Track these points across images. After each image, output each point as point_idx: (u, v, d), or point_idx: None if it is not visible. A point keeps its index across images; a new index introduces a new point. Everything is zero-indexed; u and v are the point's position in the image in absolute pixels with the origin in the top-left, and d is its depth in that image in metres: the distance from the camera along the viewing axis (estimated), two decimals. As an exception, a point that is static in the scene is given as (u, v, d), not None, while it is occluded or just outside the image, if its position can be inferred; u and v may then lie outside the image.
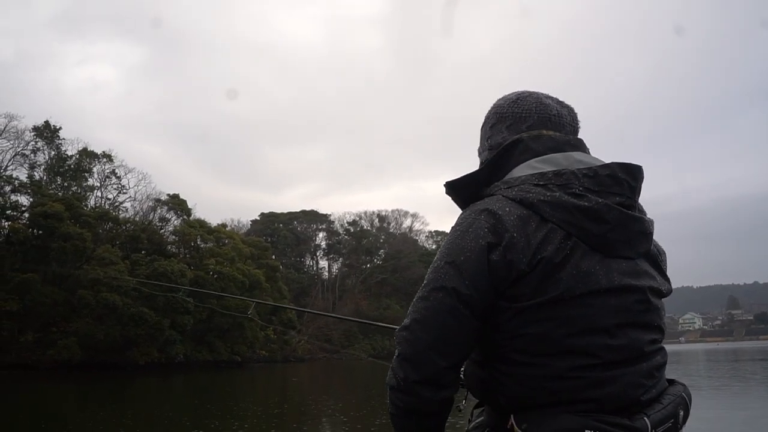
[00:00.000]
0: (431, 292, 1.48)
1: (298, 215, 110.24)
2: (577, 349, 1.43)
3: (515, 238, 1.44)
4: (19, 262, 49.02)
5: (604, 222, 1.47)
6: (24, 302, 45.58)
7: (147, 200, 65.97)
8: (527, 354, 1.46)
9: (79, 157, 62.07)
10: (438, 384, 1.48)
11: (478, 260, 1.44)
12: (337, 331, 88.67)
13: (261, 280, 64.40)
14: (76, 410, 22.39)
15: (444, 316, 1.45)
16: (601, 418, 1.39)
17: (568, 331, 1.43)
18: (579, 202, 1.46)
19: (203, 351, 56.67)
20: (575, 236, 1.45)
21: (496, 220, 1.46)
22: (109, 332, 47.42)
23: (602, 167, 1.54)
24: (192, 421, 17.36)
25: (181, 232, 63.89)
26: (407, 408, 1.51)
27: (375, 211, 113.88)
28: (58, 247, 48.35)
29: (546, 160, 1.58)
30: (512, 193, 1.52)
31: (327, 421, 16.90)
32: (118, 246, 56.51)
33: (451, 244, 1.50)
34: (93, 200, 63.61)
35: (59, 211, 48.95)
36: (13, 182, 54.78)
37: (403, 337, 1.50)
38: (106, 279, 47.29)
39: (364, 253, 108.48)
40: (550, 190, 1.49)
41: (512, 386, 1.47)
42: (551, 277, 1.43)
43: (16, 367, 44.46)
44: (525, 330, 1.45)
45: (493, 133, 1.75)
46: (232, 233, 73.72)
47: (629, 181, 1.54)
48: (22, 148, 56.26)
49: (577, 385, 1.42)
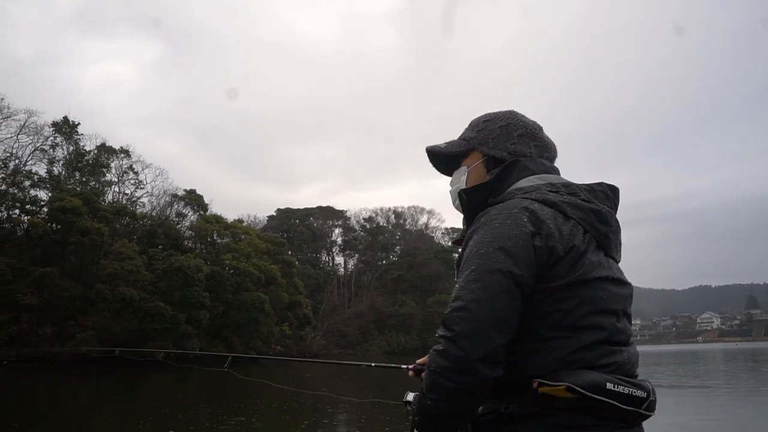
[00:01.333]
0: (484, 275, 1.59)
1: (314, 211, 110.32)
2: (597, 325, 1.64)
3: (551, 228, 1.65)
4: (38, 256, 49.62)
5: (608, 224, 1.77)
6: (43, 296, 46.11)
7: (164, 195, 66.53)
8: (556, 329, 1.63)
9: (97, 153, 62.67)
10: (495, 361, 1.56)
11: (525, 246, 1.61)
12: (352, 327, 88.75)
13: (277, 276, 64.59)
14: (94, 402, 22.62)
15: (501, 295, 1.57)
16: (617, 376, 1.61)
17: (590, 309, 1.64)
18: (591, 205, 1.75)
19: (219, 346, 56.88)
20: (589, 233, 1.71)
21: (530, 213, 1.66)
22: (126, 326, 47.80)
23: (597, 185, 1.85)
24: (208, 414, 17.47)
25: (197, 228, 64.26)
26: (460, 389, 1.56)
27: (391, 208, 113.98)
28: (76, 241, 48.87)
29: (542, 177, 1.83)
30: (532, 195, 1.74)
31: (343, 419, 16.90)
32: (135, 241, 56.95)
33: (495, 233, 1.65)
34: (111, 195, 64.27)
35: (77, 206, 49.43)
36: (33, 177, 55.40)
37: (460, 317, 1.56)
38: (123, 273, 47.73)
39: (380, 250, 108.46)
40: (563, 195, 1.74)
41: (541, 358, 1.62)
42: (578, 263, 1.65)
43: (35, 360, 45.00)
44: (556, 307, 1.63)
45: (519, 142, 1.94)
46: (249, 229, 74.00)
47: (614, 199, 1.86)
48: (41, 143, 56.99)
49: (596, 354, 1.62)
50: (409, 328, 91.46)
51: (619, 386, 1.57)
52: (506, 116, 1.98)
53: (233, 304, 58.19)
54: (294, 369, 53.89)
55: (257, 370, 49.51)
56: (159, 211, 65.34)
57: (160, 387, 30.00)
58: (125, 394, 25.60)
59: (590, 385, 1.55)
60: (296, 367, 56.54)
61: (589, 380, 1.55)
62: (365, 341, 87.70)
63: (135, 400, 22.03)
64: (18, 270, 46.95)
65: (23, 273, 47.00)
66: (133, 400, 22.19)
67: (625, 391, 1.58)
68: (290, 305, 68.99)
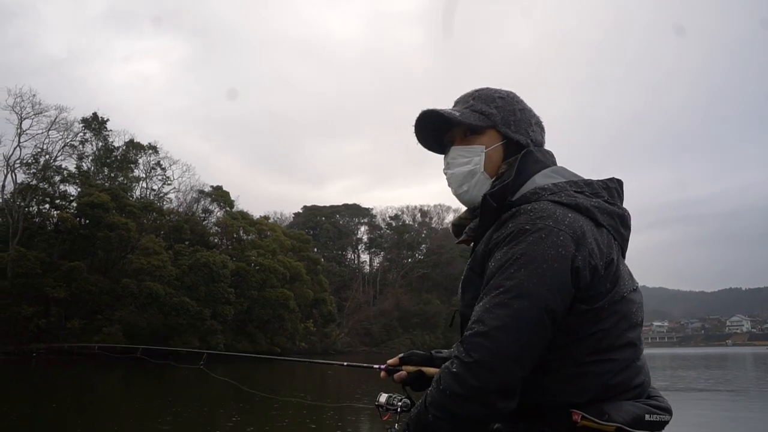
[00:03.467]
0: (513, 300, 1.43)
1: (340, 209, 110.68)
2: (631, 341, 1.56)
3: (591, 244, 1.50)
4: (66, 251, 50.27)
5: (628, 228, 1.67)
6: (71, 289, 46.70)
7: (191, 191, 67.14)
8: (596, 352, 1.51)
9: (125, 149, 63.38)
10: (513, 394, 1.44)
11: (563, 270, 1.45)
12: (377, 325, 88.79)
13: (302, 273, 64.75)
14: (121, 395, 22.81)
15: (529, 327, 1.42)
16: (648, 402, 1.55)
17: (626, 325, 1.55)
18: (616, 209, 1.63)
19: (243, 341, 57.18)
20: (616, 240, 1.60)
21: (568, 226, 1.49)
22: (152, 321, 48.27)
23: (610, 181, 1.71)
24: (233, 409, 17.48)
25: (223, 224, 64.67)
26: (469, 417, 1.44)
27: (417, 206, 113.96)
28: (103, 236, 49.39)
29: (555, 170, 1.70)
30: (561, 198, 1.57)
31: (365, 417, 16.75)
32: (161, 236, 57.45)
33: (528, 250, 1.46)
34: (138, 191, 65.00)
35: (105, 201, 49.97)
36: (63, 172, 56.15)
37: (481, 344, 1.42)
38: (149, 268, 48.16)
39: (405, 248, 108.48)
40: (591, 198, 1.60)
41: (580, 384, 1.51)
42: (613, 276, 1.53)
43: (64, 353, 45.62)
44: (596, 328, 1.51)
45: (536, 130, 1.81)
46: (274, 225, 74.28)
47: (622, 195, 1.74)
48: (71, 139, 57.62)
49: (631, 374, 1.55)
50: (434, 327, 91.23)
51: (653, 415, 1.53)
52: (519, 99, 1.83)
53: (258, 301, 58.44)
54: (318, 368, 54.03)
55: (278, 369, 49.71)
56: (186, 207, 65.91)
57: (184, 382, 30.13)
58: (152, 388, 25.78)
59: (634, 420, 1.48)
60: (320, 366, 56.62)
61: (632, 414, 1.49)
62: (390, 339, 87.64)
63: (163, 396, 22.12)
64: (47, 264, 47.71)
65: (52, 267, 47.68)
66: (163, 395, 22.28)
67: (657, 419, 1.53)
68: (315, 302, 69.12)
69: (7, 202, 52.68)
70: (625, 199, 1.74)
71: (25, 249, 47.47)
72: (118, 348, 36.20)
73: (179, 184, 67.11)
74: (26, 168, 53.89)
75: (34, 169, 53.87)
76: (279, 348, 61.38)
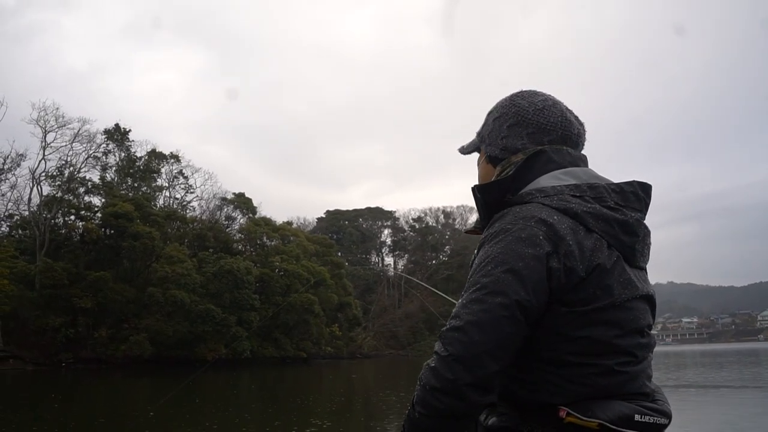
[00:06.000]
0: (488, 296, 1.47)
1: (363, 212, 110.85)
2: (622, 348, 1.53)
3: (571, 246, 1.49)
4: (92, 261, 50.80)
5: (635, 235, 1.60)
6: (98, 299, 47.21)
7: (213, 199, 67.52)
8: (582, 356, 1.52)
9: (148, 158, 63.87)
10: (486, 388, 1.47)
11: (537, 268, 1.47)
12: (402, 328, 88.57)
13: (326, 277, 64.75)
14: (148, 403, 22.89)
15: (502, 322, 1.45)
16: (641, 403, 1.53)
17: (617, 333, 1.53)
18: (617, 215, 1.58)
19: (269, 347, 57.32)
20: (613, 246, 1.55)
21: (548, 228, 1.50)
22: (178, 328, 48.55)
23: (627, 184, 1.65)
24: (260, 414, 17.46)
25: (246, 230, 64.89)
26: (447, 411, 1.47)
27: (440, 208, 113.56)
28: (128, 245, 49.87)
29: (568, 172, 1.65)
30: (553, 202, 1.57)
31: (394, 419, 16.55)
32: (185, 244, 57.79)
33: (506, 250, 1.50)
34: (162, 200, 65.53)
35: (129, 211, 50.45)
36: (87, 184, 56.79)
37: (456, 338, 1.47)
38: (174, 276, 48.42)
39: (429, 250, 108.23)
40: (588, 202, 1.57)
41: (564, 385, 1.52)
42: (603, 283, 1.51)
43: (92, 361, 46.13)
44: (581, 333, 1.51)
45: (510, 134, 1.75)
46: (297, 231, 74.45)
47: (645, 199, 1.68)
48: (94, 150, 58.18)
49: (621, 380, 1.53)
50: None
51: (645, 416, 1.51)
52: (503, 105, 1.81)
53: (283, 306, 58.50)
54: (345, 368, 54.02)
55: (306, 370, 49.73)
56: (209, 215, 66.26)
57: (212, 389, 30.17)
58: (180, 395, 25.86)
59: (620, 419, 1.48)
60: (347, 366, 56.65)
61: (618, 413, 1.48)
62: (416, 342, 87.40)
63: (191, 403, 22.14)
64: (74, 274, 48.31)
65: (79, 277, 48.24)
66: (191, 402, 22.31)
67: (651, 420, 1.52)
68: (340, 306, 69.11)
69: (33, 214, 53.45)
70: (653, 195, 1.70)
71: (52, 260, 48.13)
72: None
73: (202, 192, 67.55)
74: (51, 180, 54.67)
75: (59, 182, 54.63)
76: (305, 353, 61.42)
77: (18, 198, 54.79)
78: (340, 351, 70.05)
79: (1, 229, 57.18)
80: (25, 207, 54.66)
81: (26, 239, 55.10)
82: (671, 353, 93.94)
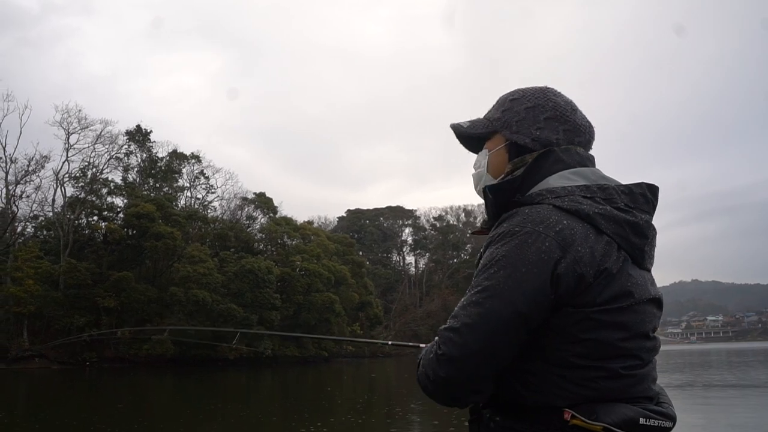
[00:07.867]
0: (487, 300, 1.47)
1: (383, 211, 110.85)
2: (629, 351, 1.54)
3: (580, 251, 1.48)
4: (115, 261, 51.33)
5: (644, 236, 1.59)
6: (120, 299, 47.70)
7: (234, 199, 67.90)
8: (588, 358, 1.51)
9: (169, 159, 64.39)
10: (476, 389, 1.51)
11: (541, 274, 1.46)
12: (424, 327, 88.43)
13: (347, 276, 64.84)
14: (172, 401, 23.11)
15: (497, 326, 1.46)
16: (646, 407, 1.53)
17: (624, 336, 1.53)
18: (627, 217, 1.57)
19: (291, 346, 57.50)
20: (622, 248, 1.55)
21: (558, 232, 1.49)
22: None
23: (636, 186, 1.65)
24: (283, 412, 17.53)
25: (267, 230, 65.16)
26: (437, 398, 1.56)
27: (461, 206, 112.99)
28: (150, 246, 50.32)
29: (577, 172, 1.64)
30: (564, 203, 1.55)
31: (416, 421, 16.48)
32: (207, 244, 58.14)
33: (511, 253, 1.49)
34: (183, 200, 66.01)
35: (151, 212, 50.92)
36: (109, 185, 57.41)
37: (450, 338, 1.49)
38: (196, 276, 48.71)
39: (450, 248, 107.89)
40: (599, 204, 1.56)
41: (569, 387, 1.51)
42: (611, 287, 1.50)
43: (116, 360, 46.64)
44: (588, 335, 1.50)
45: (546, 127, 1.73)
46: (318, 230, 74.59)
47: (653, 201, 1.68)
48: (116, 151, 58.78)
49: (626, 383, 1.53)
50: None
51: (650, 419, 1.51)
52: (535, 95, 1.78)
53: (304, 305, 58.66)
54: (366, 366, 54.07)
55: (325, 368, 49.86)
56: (230, 215, 66.65)
57: (234, 388, 30.33)
58: (204, 394, 26.07)
59: (625, 422, 1.48)
60: (367, 365, 56.67)
61: (623, 416, 1.48)
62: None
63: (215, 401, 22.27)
64: (97, 274, 48.92)
65: (102, 277, 48.83)
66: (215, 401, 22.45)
67: (656, 424, 1.52)
68: (361, 305, 69.18)
69: (57, 215, 54.19)
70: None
71: (76, 260, 48.73)
72: (138, 330, 36.74)
73: (223, 192, 68.16)
74: (74, 182, 55.32)
75: (82, 183, 55.23)
76: (326, 352, 61.57)
77: (42, 199, 55.46)
78: (361, 350, 70.11)
79: (26, 230, 57.95)
80: (50, 208, 55.48)
81: (50, 240, 55.87)
82: (695, 351, 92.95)
